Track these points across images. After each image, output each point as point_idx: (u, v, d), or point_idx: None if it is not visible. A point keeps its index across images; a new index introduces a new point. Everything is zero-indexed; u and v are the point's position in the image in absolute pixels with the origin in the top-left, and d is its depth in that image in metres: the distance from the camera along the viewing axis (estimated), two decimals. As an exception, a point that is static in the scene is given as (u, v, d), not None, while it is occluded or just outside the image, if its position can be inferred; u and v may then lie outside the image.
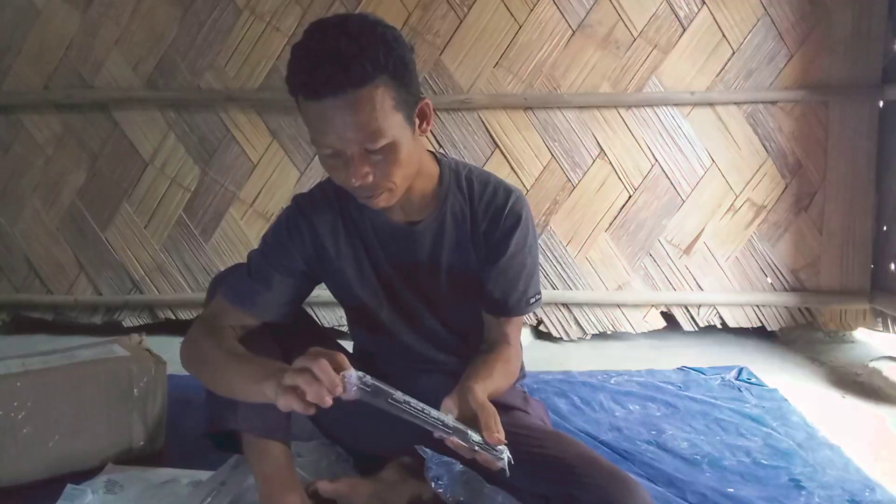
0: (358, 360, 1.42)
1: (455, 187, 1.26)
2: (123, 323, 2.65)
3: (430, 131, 2.50)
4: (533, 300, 1.29)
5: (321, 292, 1.33)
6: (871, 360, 2.18)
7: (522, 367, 1.41)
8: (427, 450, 1.25)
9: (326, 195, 1.28)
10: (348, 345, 1.48)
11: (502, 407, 1.33)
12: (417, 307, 1.30)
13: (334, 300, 1.37)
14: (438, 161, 1.28)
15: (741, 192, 2.53)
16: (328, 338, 1.46)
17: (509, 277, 1.25)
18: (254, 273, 1.25)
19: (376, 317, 1.31)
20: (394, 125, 1.04)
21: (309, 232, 1.26)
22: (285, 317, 1.27)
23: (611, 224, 2.57)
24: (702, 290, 2.58)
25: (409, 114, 1.08)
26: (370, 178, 1.06)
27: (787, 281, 2.56)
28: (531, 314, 2.58)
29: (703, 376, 2.17)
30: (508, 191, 1.26)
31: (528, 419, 1.32)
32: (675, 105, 2.50)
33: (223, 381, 1.11)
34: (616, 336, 2.63)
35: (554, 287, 2.58)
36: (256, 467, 1.19)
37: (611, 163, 2.54)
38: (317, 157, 2.52)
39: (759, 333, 2.60)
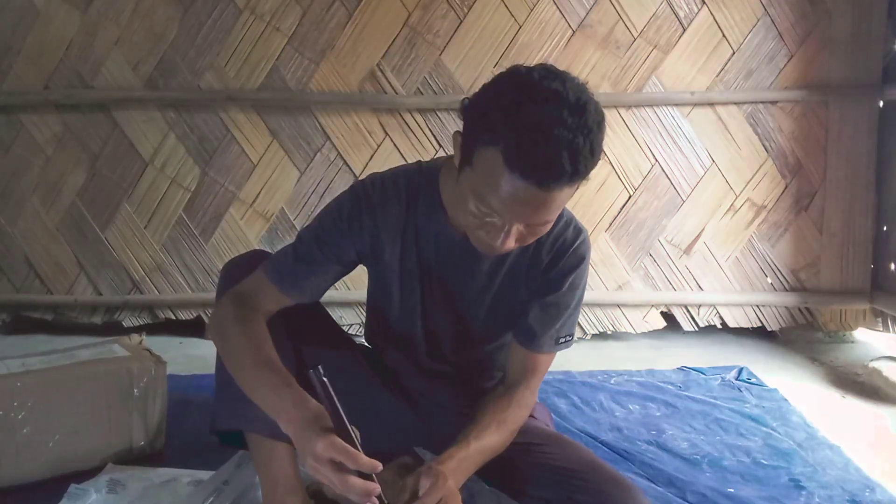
0: (367, 355, 1.42)
1: None
2: (123, 323, 2.64)
3: (431, 131, 2.52)
4: (563, 340, 1.26)
5: (328, 292, 1.31)
6: (871, 360, 2.18)
7: None
8: (426, 451, 1.26)
9: (398, 190, 1.20)
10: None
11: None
12: (448, 331, 1.29)
13: (340, 301, 1.36)
14: None
15: (741, 192, 2.53)
16: (342, 335, 1.46)
17: (551, 314, 1.22)
18: (301, 256, 1.20)
19: (404, 325, 1.29)
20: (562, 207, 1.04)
21: (369, 224, 1.19)
22: (317, 297, 1.25)
23: (611, 224, 2.57)
24: (702, 290, 2.58)
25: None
26: (514, 244, 1.04)
27: (787, 281, 2.56)
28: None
29: (703, 376, 2.17)
30: (578, 230, 1.22)
31: (532, 423, 1.33)
32: (675, 105, 2.51)
33: (245, 385, 1.09)
34: (616, 336, 2.63)
35: (554, 287, 2.58)
36: (262, 468, 1.18)
37: (611, 163, 2.54)
38: (317, 156, 2.54)
39: (759, 333, 2.60)
